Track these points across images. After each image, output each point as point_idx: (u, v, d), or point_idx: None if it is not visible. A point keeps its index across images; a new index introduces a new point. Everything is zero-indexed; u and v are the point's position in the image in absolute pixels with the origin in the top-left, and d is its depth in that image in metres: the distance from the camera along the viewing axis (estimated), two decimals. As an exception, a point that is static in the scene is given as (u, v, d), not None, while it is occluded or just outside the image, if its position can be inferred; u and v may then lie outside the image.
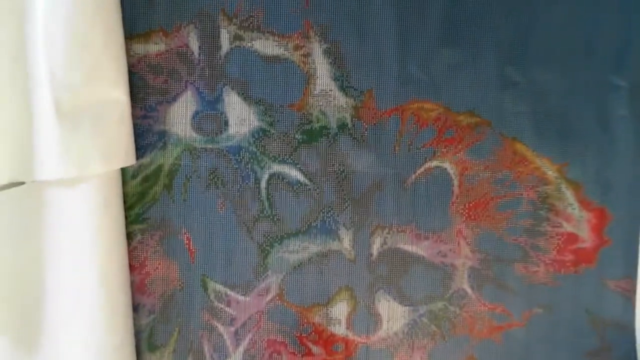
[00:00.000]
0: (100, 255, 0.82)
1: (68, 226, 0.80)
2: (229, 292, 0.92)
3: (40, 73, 0.74)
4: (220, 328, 0.92)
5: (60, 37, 0.74)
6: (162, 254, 0.91)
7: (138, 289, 0.91)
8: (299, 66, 0.89)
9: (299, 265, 0.92)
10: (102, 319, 0.83)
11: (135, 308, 0.91)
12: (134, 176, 0.89)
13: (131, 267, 0.90)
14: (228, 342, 0.92)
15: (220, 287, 0.91)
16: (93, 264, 0.82)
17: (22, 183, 0.78)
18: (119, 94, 0.83)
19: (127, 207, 0.90)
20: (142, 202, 0.90)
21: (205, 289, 0.91)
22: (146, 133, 0.89)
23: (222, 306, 0.92)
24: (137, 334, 0.91)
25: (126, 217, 0.90)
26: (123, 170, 0.89)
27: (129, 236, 0.90)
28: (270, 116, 0.90)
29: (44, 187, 0.79)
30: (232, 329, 0.92)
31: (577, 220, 0.91)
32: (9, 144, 0.77)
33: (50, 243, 0.80)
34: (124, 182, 0.89)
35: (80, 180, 0.79)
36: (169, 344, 0.92)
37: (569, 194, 0.91)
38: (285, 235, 0.91)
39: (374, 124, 0.90)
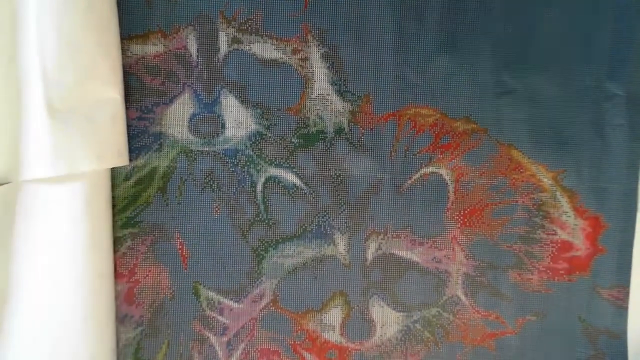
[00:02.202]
0: (80, 260, 0.80)
1: (49, 224, 0.79)
2: (222, 299, 0.91)
3: (32, 72, 0.74)
4: (212, 339, 0.91)
5: (52, 36, 0.74)
6: (153, 260, 0.90)
7: (126, 299, 0.90)
8: (296, 70, 0.90)
9: (293, 270, 0.91)
10: (79, 329, 0.82)
11: (122, 319, 0.89)
12: (126, 178, 0.89)
13: (119, 275, 0.89)
14: (220, 354, 0.92)
15: (213, 294, 0.91)
16: (71, 270, 0.80)
17: (8, 182, 0.77)
18: (112, 93, 0.82)
19: (118, 210, 0.89)
20: (134, 205, 0.89)
21: (198, 296, 0.91)
22: (142, 134, 0.89)
23: (215, 315, 0.91)
24: (123, 348, 0.90)
25: (116, 221, 0.89)
26: (115, 173, 0.88)
27: (118, 241, 0.89)
28: (267, 119, 0.90)
29: (27, 184, 0.78)
30: (225, 338, 0.91)
31: (571, 228, 0.92)
32: (0, 143, 0.76)
33: (24, 245, 0.78)
34: (116, 185, 0.88)
35: (63, 179, 0.78)
36: (156, 358, 0.91)
37: (564, 202, 0.91)
38: (280, 240, 0.91)
39: (371, 129, 0.90)
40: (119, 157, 0.84)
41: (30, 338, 0.80)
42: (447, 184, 0.91)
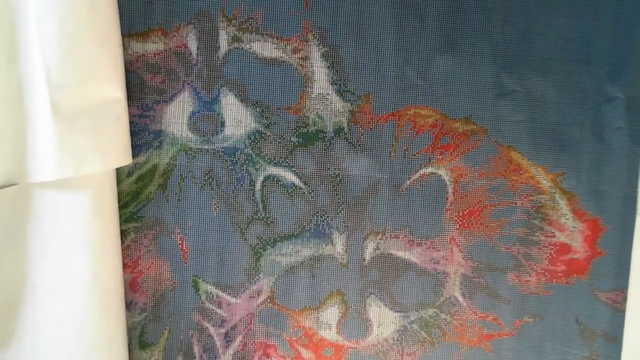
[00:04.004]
0: (93, 253, 0.82)
1: (59, 224, 0.80)
2: (220, 293, 0.92)
3: (35, 73, 0.74)
4: (211, 329, 0.92)
5: (54, 37, 0.74)
6: (155, 253, 0.91)
7: (131, 287, 0.91)
8: (296, 69, 0.89)
9: (291, 269, 0.92)
10: (94, 317, 0.83)
11: (128, 306, 0.91)
12: (129, 175, 0.89)
13: (124, 265, 0.90)
14: (218, 344, 0.92)
15: (211, 288, 0.91)
16: (85, 262, 0.81)
17: (14, 184, 0.77)
18: (115, 93, 0.82)
19: (122, 205, 0.90)
20: (137, 200, 0.90)
21: (197, 289, 0.91)
22: (142, 132, 0.89)
23: (213, 307, 0.92)
24: (129, 331, 0.91)
25: (120, 216, 0.89)
26: (119, 169, 0.88)
27: (123, 234, 0.90)
28: (266, 118, 0.90)
29: (35, 186, 0.79)
30: (223, 330, 0.92)
31: (570, 230, 0.91)
32: (3, 146, 0.76)
33: (41, 242, 0.80)
34: (119, 181, 0.89)
35: (73, 179, 0.79)
36: (159, 342, 0.92)
37: (563, 204, 0.91)
38: (278, 238, 0.91)
39: (370, 129, 0.90)
40: (123, 156, 0.84)
41: (52, 328, 0.82)
42: (446, 184, 0.91)
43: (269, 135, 0.90)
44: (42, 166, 0.75)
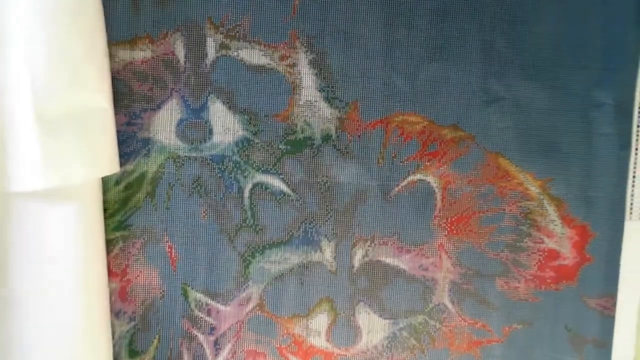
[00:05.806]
0: (76, 263, 0.81)
1: (42, 233, 0.79)
2: (209, 301, 0.91)
3: (21, 81, 0.73)
4: (200, 337, 0.92)
5: (40, 45, 0.73)
6: (144, 262, 0.90)
7: (119, 296, 0.90)
8: (284, 76, 0.89)
9: (280, 276, 0.91)
10: (76, 326, 0.83)
11: (117, 315, 0.90)
12: (116, 183, 0.89)
13: (113, 274, 0.90)
14: (208, 352, 0.92)
15: (200, 296, 0.91)
16: (68, 272, 0.81)
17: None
18: (101, 102, 0.82)
19: (110, 214, 0.89)
20: (125, 209, 0.89)
21: (186, 297, 0.91)
22: (130, 140, 0.88)
23: (203, 315, 0.91)
24: (118, 339, 0.90)
25: (108, 224, 0.89)
26: (106, 177, 0.88)
27: (111, 243, 0.89)
28: (254, 126, 0.89)
29: (18, 195, 0.78)
30: (212, 338, 0.92)
31: (559, 236, 0.91)
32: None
33: (21, 250, 0.79)
34: (107, 189, 0.88)
35: (57, 188, 0.78)
36: (148, 351, 0.91)
37: (551, 210, 0.91)
38: (267, 246, 0.91)
39: (359, 136, 0.90)
40: (110, 165, 0.84)
41: (33, 334, 0.81)
42: (434, 191, 0.91)
43: (257, 143, 0.90)
44: (25, 175, 0.74)
